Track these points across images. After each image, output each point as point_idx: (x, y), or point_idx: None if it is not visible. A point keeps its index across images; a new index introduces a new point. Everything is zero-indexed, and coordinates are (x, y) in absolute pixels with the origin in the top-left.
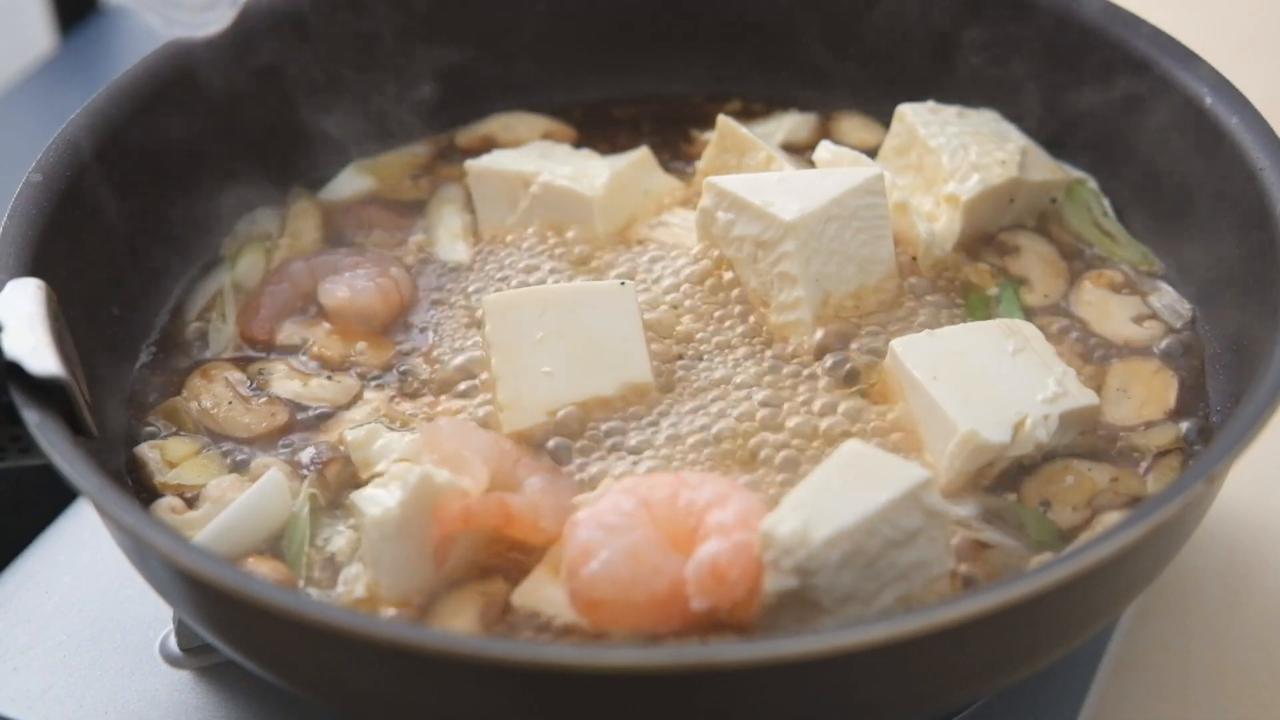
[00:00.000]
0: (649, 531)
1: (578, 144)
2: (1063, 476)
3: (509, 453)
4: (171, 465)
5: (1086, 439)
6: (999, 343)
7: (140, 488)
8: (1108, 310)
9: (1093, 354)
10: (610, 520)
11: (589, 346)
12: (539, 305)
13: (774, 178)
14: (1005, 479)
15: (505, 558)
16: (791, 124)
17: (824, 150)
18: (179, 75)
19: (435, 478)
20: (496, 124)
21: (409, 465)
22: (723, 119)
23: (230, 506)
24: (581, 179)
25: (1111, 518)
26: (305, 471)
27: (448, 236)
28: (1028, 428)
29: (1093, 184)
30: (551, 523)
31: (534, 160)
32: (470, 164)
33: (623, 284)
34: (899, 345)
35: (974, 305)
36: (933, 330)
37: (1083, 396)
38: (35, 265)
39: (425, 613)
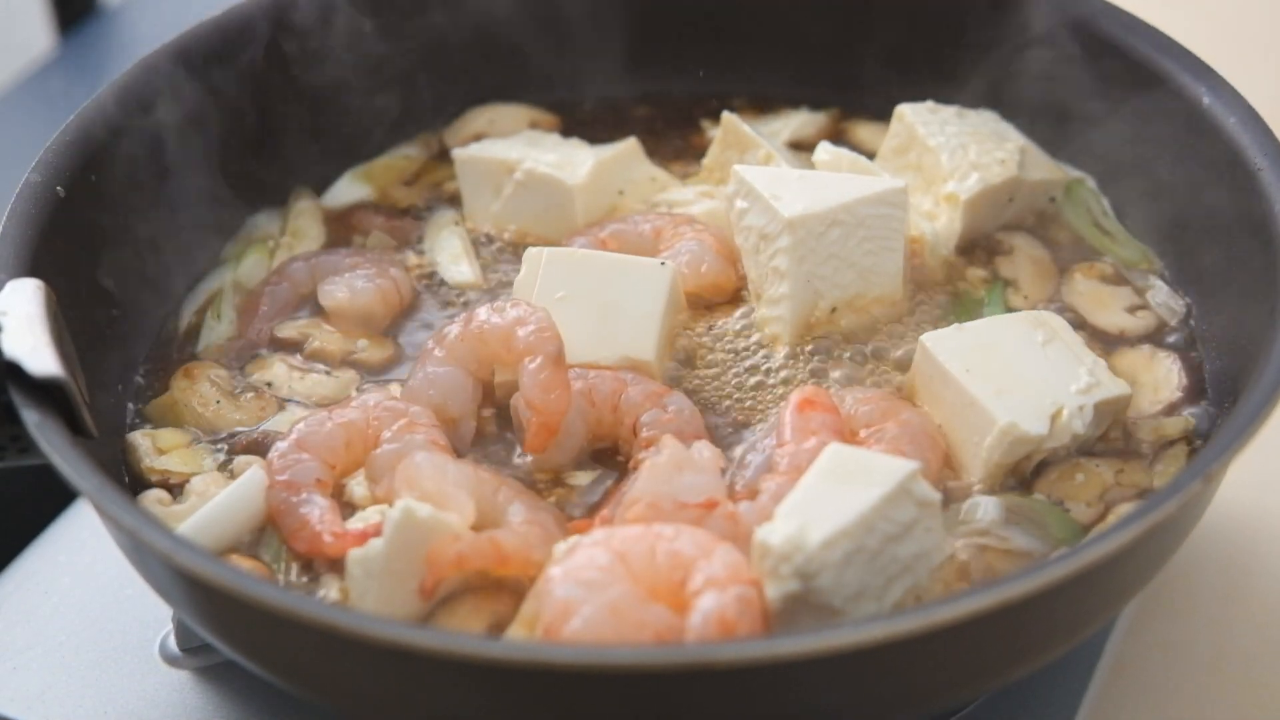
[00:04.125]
0: (628, 585)
1: (565, 132)
2: (1072, 475)
3: (487, 481)
4: (162, 453)
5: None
6: (1028, 334)
7: (130, 473)
8: (1101, 300)
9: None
10: (587, 576)
11: (606, 316)
12: (573, 266)
13: (796, 174)
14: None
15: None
16: (799, 122)
17: (823, 152)
18: (178, 76)
19: (418, 513)
20: (482, 120)
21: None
22: (727, 116)
23: (210, 502)
24: (565, 167)
25: (1126, 509)
26: None
27: (449, 259)
28: (1064, 419)
29: (1091, 183)
30: (542, 552)
31: (520, 148)
32: (457, 152)
33: (663, 264)
34: (929, 340)
35: (962, 309)
36: (961, 324)
37: (1115, 386)
38: (35, 265)
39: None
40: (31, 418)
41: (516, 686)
